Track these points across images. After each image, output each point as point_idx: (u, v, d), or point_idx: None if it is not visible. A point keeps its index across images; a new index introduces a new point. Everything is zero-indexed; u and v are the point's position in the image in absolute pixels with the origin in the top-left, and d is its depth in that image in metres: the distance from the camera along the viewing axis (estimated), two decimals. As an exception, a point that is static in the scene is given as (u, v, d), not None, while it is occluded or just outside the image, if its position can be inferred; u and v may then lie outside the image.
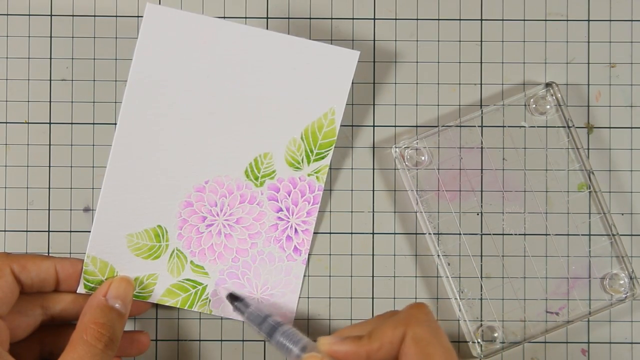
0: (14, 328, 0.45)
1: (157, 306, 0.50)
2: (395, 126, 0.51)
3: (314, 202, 0.49)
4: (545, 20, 0.52)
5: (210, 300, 0.49)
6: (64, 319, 0.47)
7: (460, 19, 0.52)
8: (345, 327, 0.47)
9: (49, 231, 0.51)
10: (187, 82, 0.46)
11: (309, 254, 0.51)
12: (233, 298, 0.49)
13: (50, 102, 0.51)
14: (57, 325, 0.48)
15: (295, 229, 0.49)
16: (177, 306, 0.49)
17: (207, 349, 0.51)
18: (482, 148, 0.51)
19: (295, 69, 0.47)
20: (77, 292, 0.47)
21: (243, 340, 0.51)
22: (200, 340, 0.51)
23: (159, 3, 0.51)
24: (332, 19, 0.52)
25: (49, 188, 0.51)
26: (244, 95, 0.47)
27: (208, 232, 0.49)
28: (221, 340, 0.51)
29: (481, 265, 0.51)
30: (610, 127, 0.51)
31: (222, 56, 0.46)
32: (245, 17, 0.51)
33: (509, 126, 0.51)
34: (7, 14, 0.51)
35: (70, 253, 0.51)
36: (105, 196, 0.47)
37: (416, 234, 0.51)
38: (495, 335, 0.50)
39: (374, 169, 0.51)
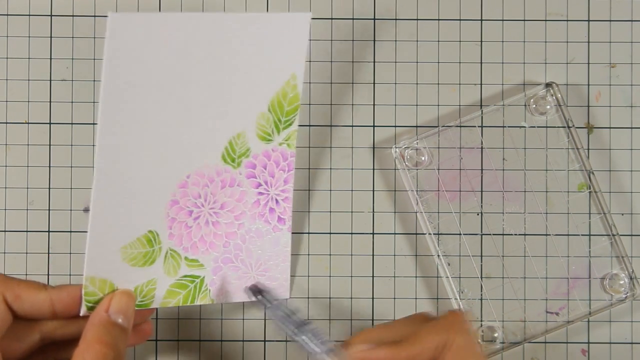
0: (10, 352, 0.44)
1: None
2: (395, 126, 0.51)
3: (288, 170, 0.49)
4: (545, 20, 0.52)
5: (209, 291, 0.49)
6: (65, 339, 0.46)
7: (460, 19, 0.52)
8: (368, 329, 0.45)
9: (49, 231, 0.51)
10: (157, 81, 0.46)
11: (308, 254, 0.51)
12: (256, 291, 0.48)
13: (50, 102, 0.51)
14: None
15: (276, 200, 0.49)
16: (180, 304, 0.49)
17: (207, 349, 0.51)
18: (482, 148, 0.51)
19: (250, 44, 0.46)
20: (80, 315, 0.45)
21: (243, 341, 0.51)
22: (200, 340, 0.51)
23: (159, 10, 0.51)
24: (332, 19, 0.52)
25: (49, 188, 0.51)
26: (210, 82, 0.47)
27: (196, 225, 0.48)
28: (221, 341, 0.51)
29: (481, 265, 0.51)
30: (610, 127, 0.51)
31: (183, 48, 0.46)
32: (245, 17, 0.51)
33: (509, 126, 0.51)
34: (7, 14, 0.51)
35: (70, 253, 0.51)
36: (95, 215, 0.46)
37: (416, 234, 0.51)
38: (495, 335, 0.50)
39: (374, 169, 0.51)
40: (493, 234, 0.51)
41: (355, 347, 0.42)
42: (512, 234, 0.50)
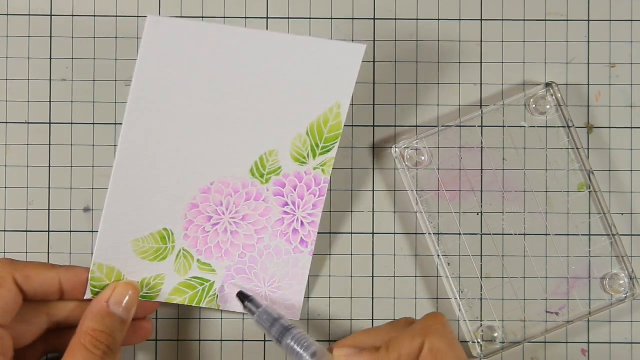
0: (19, 336, 0.45)
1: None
2: (395, 126, 0.51)
3: (319, 195, 0.49)
4: (545, 20, 0.52)
5: (217, 296, 0.49)
6: (69, 325, 0.47)
7: (460, 19, 0.52)
8: (357, 332, 0.46)
9: (49, 231, 0.51)
10: (192, 87, 0.46)
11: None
12: (243, 297, 0.49)
13: (50, 102, 0.51)
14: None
15: (302, 222, 0.49)
16: (185, 303, 0.49)
17: (207, 349, 0.51)
18: (482, 148, 0.51)
19: (299, 67, 0.47)
20: (85, 298, 0.47)
21: (243, 341, 0.51)
22: (200, 340, 0.51)
23: (159, 10, 0.51)
24: (332, 19, 0.52)
25: (49, 188, 0.51)
26: (248, 96, 0.47)
27: (214, 231, 0.49)
28: (221, 341, 0.51)
29: (481, 265, 0.51)
30: (610, 127, 0.51)
31: (224, 60, 0.46)
32: (245, 17, 0.51)
33: (509, 126, 0.51)
34: (7, 14, 0.51)
35: (70, 253, 0.51)
36: (111, 204, 0.47)
37: (416, 234, 0.51)
38: (495, 335, 0.50)
39: (374, 168, 0.51)
40: (493, 234, 0.51)
41: (339, 352, 0.43)
42: (512, 234, 0.50)
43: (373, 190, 0.51)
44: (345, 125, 0.51)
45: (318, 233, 0.50)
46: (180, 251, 0.48)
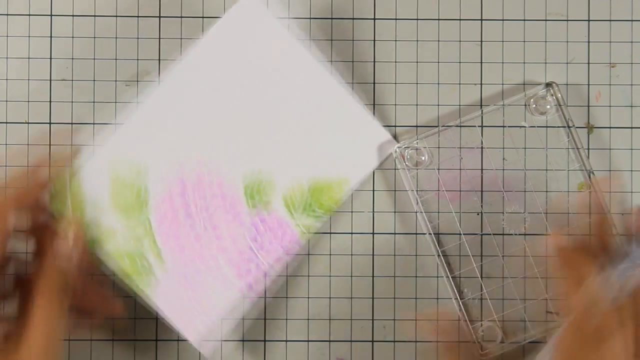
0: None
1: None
2: (395, 126, 0.51)
3: (287, 253, 0.49)
4: (545, 20, 0.52)
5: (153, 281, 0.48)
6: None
7: (460, 19, 0.52)
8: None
9: (49, 231, 0.51)
10: (242, 78, 0.47)
11: (308, 254, 0.51)
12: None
13: (50, 102, 0.51)
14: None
15: (258, 267, 0.49)
16: (119, 272, 0.48)
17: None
18: (482, 148, 0.51)
19: (338, 122, 0.47)
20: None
21: (243, 340, 0.51)
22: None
23: (159, 10, 0.51)
24: (332, 19, 0.52)
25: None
26: (281, 115, 0.48)
27: (184, 220, 0.48)
28: (221, 341, 0.51)
29: (481, 265, 0.51)
30: (610, 127, 0.51)
31: (282, 70, 0.47)
32: (245, 17, 0.51)
33: (509, 126, 0.51)
34: (7, 14, 0.51)
35: (70, 253, 0.51)
36: (123, 131, 0.48)
37: (416, 234, 0.51)
38: (496, 335, 0.50)
39: (374, 169, 0.51)
40: (493, 234, 0.51)
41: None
42: (512, 234, 0.50)
43: (373, 190, 0.51)
44: (345, 125, 0.51)
45: (318, 232, 0.50)
46: (146, 220, 0.48)
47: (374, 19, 0.52)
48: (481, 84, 0.51)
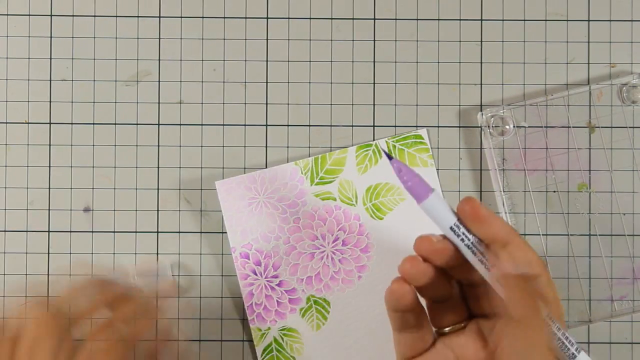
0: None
1: (156, 304, 0.51)
2: (395, 126, 0.51)
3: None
4: (545, 20, 0.51)
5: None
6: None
7: (460, 19, 0.52)
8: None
9: (48, 231, 0.51)
10: None
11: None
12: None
13: (50, 102, 0.51)
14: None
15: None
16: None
17: (208, 349, 0.51)
18: (568, 127, 0.50)
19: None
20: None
21: (243, 340, 0.51)
22: (200, 340, 0.51)
23: (159, 10, 0.51)
24: (332, 19, 0.52)
25: (49, 188, 0.51)
26: None
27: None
28: (221, 341, 0.51)
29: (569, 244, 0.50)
30: (611, 127, 0.51)
31: None
32: (245, 17, 0.51)
33: (596, 105, 0.51)
34: (7, 14, 0.51)
35: (70, 253, 0.51)
36: None
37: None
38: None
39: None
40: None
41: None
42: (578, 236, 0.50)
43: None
44: (345, 126, 0.51)
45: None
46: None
47: (374, 19, 0.52)
48: (481, 84, 0.51)
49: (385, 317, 0.39)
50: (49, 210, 0.51)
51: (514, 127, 0.50)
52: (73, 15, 0.51)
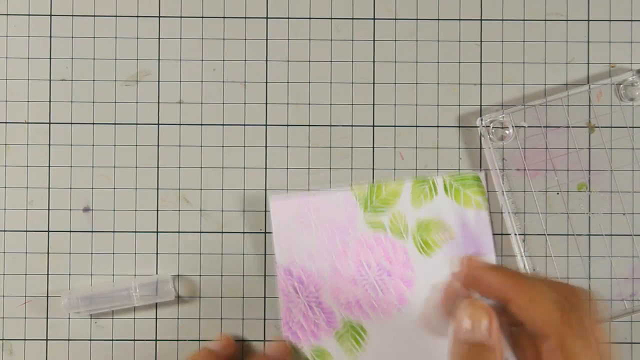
0: None
1: (156, 305, 0.51)
2: (395, 126, 0.51)
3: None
4: (545, 20, 0.52)
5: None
6: None
7: (460, 19, 0.52)
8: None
9: (48, 231, 0.51)
10: None
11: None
12: None
13: (50, 102, 0.51)
14: None
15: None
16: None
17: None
18: (568, 127, 0.50)
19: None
20: None
21: (243, 340, 0.51)
22: (199, 340, 0.51)
23: (159, 10, 0.51)
24: (332, 19, 0.52)
25: (49, 188, 0.51)
26: None
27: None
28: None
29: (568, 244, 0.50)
30: (611, 127, 0.51)
31: None
32: (245, 17, 0.51)
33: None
34: (7, 14, 0.51)
35: (70, 253, 0.51)
36: None
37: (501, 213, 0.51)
38: None
39: (373, 168, 0.51)
40: (570, 213, 0.50)
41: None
42: (596, 235, 0.50)
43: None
44: (345, 126, 0.51)
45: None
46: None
47: (374, 19, 0.52)
48: (481, 84, 0.51)
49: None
50: (49, 210, 0.51)
51: (513, 131, 0.50)
52: (73, 15, 0.51)
